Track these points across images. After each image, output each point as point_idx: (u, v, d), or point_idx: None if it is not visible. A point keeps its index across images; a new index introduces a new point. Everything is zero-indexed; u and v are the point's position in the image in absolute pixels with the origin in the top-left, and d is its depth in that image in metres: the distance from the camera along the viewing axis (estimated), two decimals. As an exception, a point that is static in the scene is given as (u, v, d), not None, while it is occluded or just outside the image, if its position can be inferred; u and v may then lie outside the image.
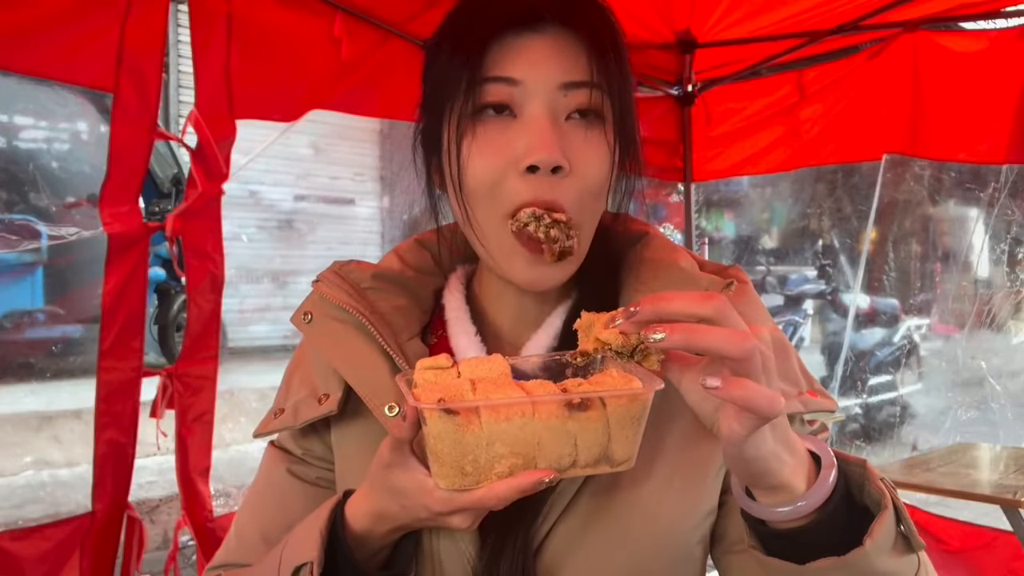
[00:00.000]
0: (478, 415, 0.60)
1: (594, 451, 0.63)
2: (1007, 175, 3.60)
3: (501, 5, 0.73)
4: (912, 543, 0.64)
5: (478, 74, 0.71)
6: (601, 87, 0.72)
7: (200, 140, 2.00)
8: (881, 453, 5.64)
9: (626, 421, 0.62)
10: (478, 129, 0.72)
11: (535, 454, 0.62)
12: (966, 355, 6.06)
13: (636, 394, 0.61)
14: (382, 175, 8.28)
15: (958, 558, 2.95)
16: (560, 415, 0.61)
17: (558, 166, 0.70)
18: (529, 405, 0.61)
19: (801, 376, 0.80)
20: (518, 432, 0.61)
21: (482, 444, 0.61)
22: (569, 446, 0.62)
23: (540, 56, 0.71)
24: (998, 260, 6.24)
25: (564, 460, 0.62)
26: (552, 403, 0.61)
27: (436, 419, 0.60)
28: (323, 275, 0.84)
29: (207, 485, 2.18)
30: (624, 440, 0.63)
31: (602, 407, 0.61)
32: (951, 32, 2.88)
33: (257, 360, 6.35)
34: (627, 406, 0.62)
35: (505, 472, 0.62)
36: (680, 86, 3.23)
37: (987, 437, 5.08)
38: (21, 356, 5.46)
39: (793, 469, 0.61)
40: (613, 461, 0.64)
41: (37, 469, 4.34)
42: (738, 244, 9.32)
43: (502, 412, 0.60)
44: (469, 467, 0.62)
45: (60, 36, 1.74)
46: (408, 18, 2.40)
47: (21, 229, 5.04)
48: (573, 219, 0.72)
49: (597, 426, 0.62)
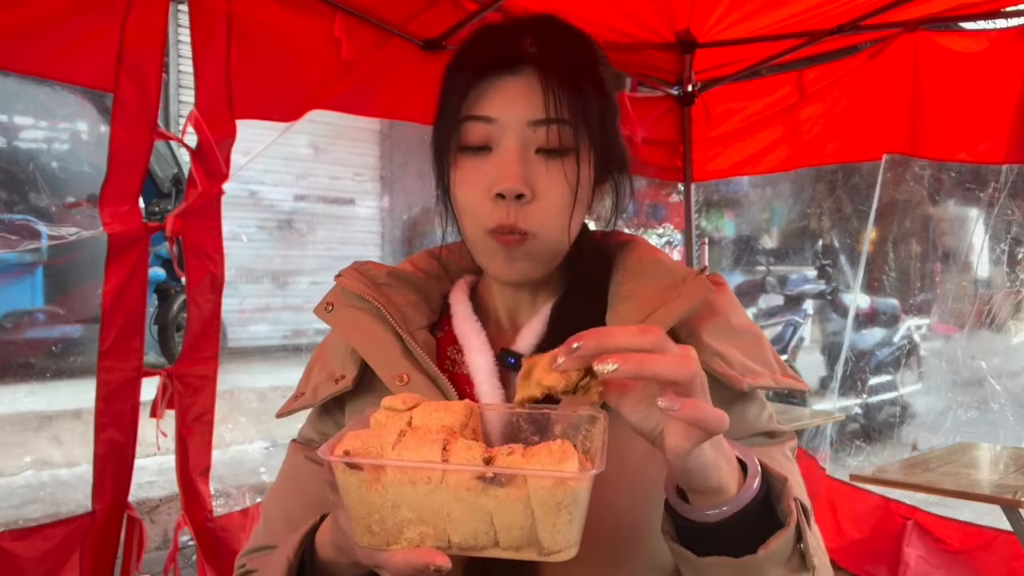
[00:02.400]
0: (384, 473, 0.57)
1: (514, 534, 0.58)
2: (1007, 175, 3.60)
3: (488, 49, 0.85)
4: (806, 563, 0.70)
5: (461, 112, 0.83)
6: (562, 121, 0.81)
7: (200, 140, 2.00)
8: (881, 453, 5.64)
9: (551, 506, 0.56)
10: (462, 162, 0.85)
11: (445, 526, 0.58)
12: (966, 355, 6.06)
13: (562, 478, 0.56)
14: (382, 175, 8.28)
15: (958, 558, 2.95)
16: (472, 487, 0.56)
17: (520, 194, 0.81)
18: (438, 471, 0.57)
19: (774, 362, 0.88)
20: (424, 499, 0.57)
21: (387, 505, 0.58)
22: (484, 523, 0.58)
23: (513, 96, 0.82)
24: (998, 260, 6.24)
25: (481, 538, 0.58)
26: (463, 473, 0.56)
27: (341, 473, 0.58)
28: (345, 271, 0.94)
29: (207, 485, 2.18)
30: (551, 526, 0.57)
31: (524, 485, 0.56)
32: (951, 32, 2.88)
33: (257, 360, 6.34)
34: (551, 490, 0.56)
35: (415, 539, 0.59)
36: (680, 86, 3.23)
37: (987, 437, 5.07)
38: (21, 356, 5.45)
39: (728, 475, 0.67)
40: (542, 548, 0.58)
41: (37, 469, 4.33)
42: (738, 244, 9.31)
43: (408, 474, 0.57)
44: (376, 526, 0.59)
45: (60, 36, 1.74)
46: (408, 18, 2.40)
47: (21, 229, 5.04)
48: (535, 234, 0.83)
49: (516, 506, 0.57)
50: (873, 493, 3.16)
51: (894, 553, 3.06)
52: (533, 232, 0.83)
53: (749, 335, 0.88)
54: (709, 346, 0.83)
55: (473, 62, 0.85)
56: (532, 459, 0.57)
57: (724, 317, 0.87)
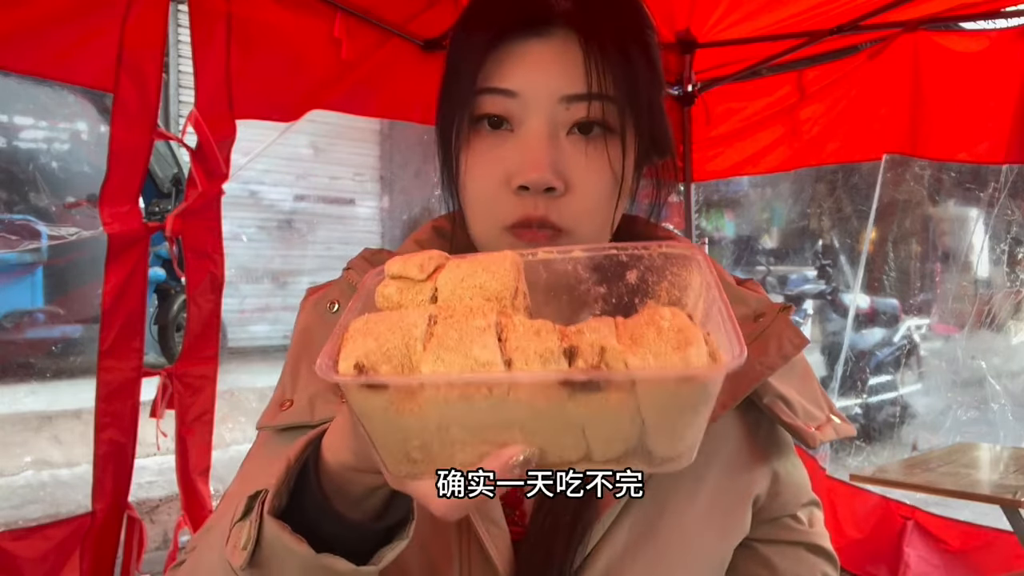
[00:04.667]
0: (421, 391, 0.41)
1: (617, 445, 0.42)
2: (1007, 175, 3.61)
3: (509, 5, 0.68)
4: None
5: (475, 83, 0.66)
6: (604, 97, 0.65)
7: (200, 140, 2.00)
8: (881, 453, 5.63)
9: (672, 409, 0.41)
10: (474, 142, 0.68)
11: (518, 441, 0.43)
12: (966, 355, 6.06)
13: (688, 376, 0.40)
14: (382, 175, 8.28)
15: (958, 558, 2.95)
16: (555, 396, 0.40)
17: (550, 187, 0.65)
18: (503, 385, 0.40)
19: (822, 399, 0.75)
20: (484, 416, 0.41)
21: (430, 428, 0.42)
22: (572, 436, 0.42)
23: (541, 65, 0.66)
24: (998, 260, 6.24)
25: (568, 452, 0.43)
26: (540, 382, 0.40)
27: (357, 396, 0.42)
28: (353, 262, 0.79)
29: (207, 485, 2.18)
30: (670, 431, 0.42)
31: (630, 388, 0.40)
32: (951, 32, 2.88)
33: (257, 360, 6.34)
34: (673, 390, 0.40)
35: (474, 461, 0.43)
36: (680, 86, 3.22)
37: (987, 437, 5.08)
38: (21, 356, 5.45)
39: None
40: (653, 457, 0.43)
41: (37, 469, 4.33)
42: (738, 244, 9.31)
43: (456, 390, 0.41)
44: (417, 453, 0.44)
45: (60, 36, 1.74)
46: (408, 18, 2.40)
47: (21, 229, 5.04)
48: (569, 232, 0.67)
49: (619, 414, 0.41)
50: (873, 493, 3.15)
51: (894, 553, 3.06)
52: (568, 229, 0.67)
53: (800, 368, 0.75)
54: (772, 387, 0.71)
55: (490, 21, 0.67)
56: (638, 347, 0.41)
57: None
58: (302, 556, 0.52)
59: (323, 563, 0.52)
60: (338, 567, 0.52)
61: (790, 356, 0.69)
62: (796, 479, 0.80)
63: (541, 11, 0.66)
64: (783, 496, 0.78)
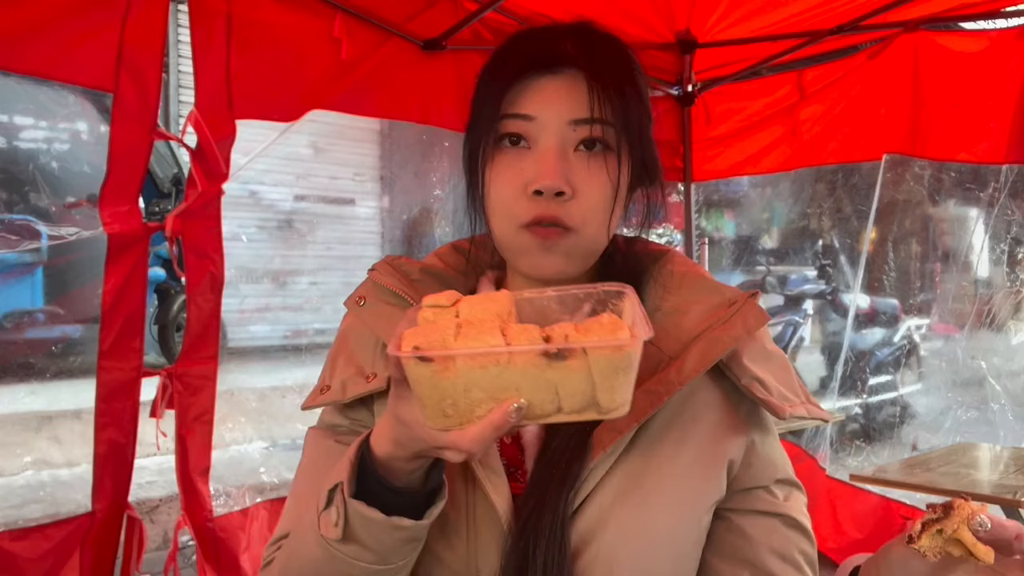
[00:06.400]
0: (454, 362, 0.63)
1: (577, 399, 0.64)
2: (1007, 175, 3.60)
3: (529, 49, 0.86)
4: None
5: (499, 110, 0.84)
6: (604, 122, 0.83)
7: (200, 140, 2.00)
8: (881, 453, 5.64)
9: (609, 371, 0.63)
10: (498, 157, 0.85)
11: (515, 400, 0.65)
12: (966, 355, 6.06)
13: (619, 345, 0.62)
14: (382, 175, 8.28)
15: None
16: (538, 364, 0.63)
17: (560, 191, 0.82)
18: (505, 354, 0.62)
19: (800, 389, 0.89)
20: (494, 379, 0.63)
21: (459, 389, 0.64)
22: (550, 393, 0.64)
23: (554, 95, 0.83)
24: (998, 260, 6.24)
25: (547, 406, 0.65)
26: (529, 352, 0.63)
27: (412, 366, 0.63)
28: (377, 265, 0.95)
29: (207, 485, 2.18)
30: (610, 388, 0.64)
31: (583, 356, 0.62)
32: (951, 32, 2.88)
33: (257, 360, 6.35)
34: (610, 357, 0.63)
35: (487, 414, 0.65)
36: (680, 86, 3.23)
37: (987, 437, 5.08)
38: (21, 356, 5.45)
39: None
40: (601, 408, 0.65)
41: (37, 469, 4.34)
42: (738, 244, 9.31)
43: (477, 360, 0.62)
44: (450, 410, 0.65)
45: (60, 36, 1.74)
46: (408, 18, 2.40)
47: (21, 229, 5.04)
48: (576, 230, 0.83)
49: (579, 375, 0.63)
50: (873, 493, 3.16)
51: (894, 553, 3.06)
52: (575, 227, 0.83)
53: (780, 360, 0.89)
54: (749, 370, 0.84)
55: (511, 63, 0.85)
56: (588, 333, 0.63)
57: (760, 341, 0.88)
58: (379, 521, 0.73)
59: (394, 523, 0.74)
60: (404, 524, 0.74)
61: (753, 330, 0.84)
62: (772, 456, 0.88)
63: (554, 54, 0.84)
64: (755, 467, 0.87)
